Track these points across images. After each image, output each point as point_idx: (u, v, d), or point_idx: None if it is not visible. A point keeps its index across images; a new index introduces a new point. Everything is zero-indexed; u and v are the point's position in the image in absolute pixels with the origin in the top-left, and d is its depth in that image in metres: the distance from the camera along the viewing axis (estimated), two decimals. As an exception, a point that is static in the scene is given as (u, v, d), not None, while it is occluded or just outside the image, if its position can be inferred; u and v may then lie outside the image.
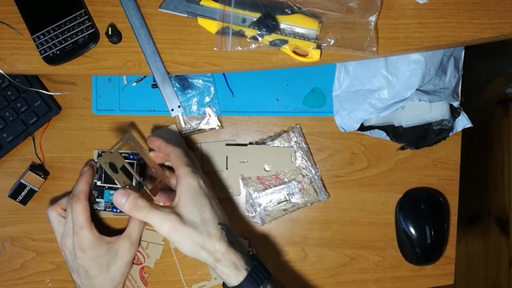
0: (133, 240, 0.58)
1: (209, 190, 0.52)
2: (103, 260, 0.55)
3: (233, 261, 0.49)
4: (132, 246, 0.58)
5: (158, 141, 0.56)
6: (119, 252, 0.56)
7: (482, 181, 1.40)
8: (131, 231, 0.58)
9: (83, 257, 0.54)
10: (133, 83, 0.63)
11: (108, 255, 0.55)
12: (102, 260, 0.55)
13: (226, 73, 0.63)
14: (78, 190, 0.57)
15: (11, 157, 0.64)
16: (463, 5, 0.50)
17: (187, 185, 0.51)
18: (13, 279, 0.64)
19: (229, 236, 0.50)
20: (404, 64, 0.55)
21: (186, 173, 0.51)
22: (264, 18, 0.49)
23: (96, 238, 0.55)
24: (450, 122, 0.61)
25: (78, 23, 0.51)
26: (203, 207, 0.50)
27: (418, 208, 0.62)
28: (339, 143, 0.64)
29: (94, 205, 0.61)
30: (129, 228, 0.58)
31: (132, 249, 0.58)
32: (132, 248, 0.58)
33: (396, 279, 0.65)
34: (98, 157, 0.62)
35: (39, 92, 0.61)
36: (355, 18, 0.49)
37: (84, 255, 0.54)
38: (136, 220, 0.58)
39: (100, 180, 0.61)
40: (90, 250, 0.54)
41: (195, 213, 0.49)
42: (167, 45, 0.52)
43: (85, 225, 0.54)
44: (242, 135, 0.64)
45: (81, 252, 0.54)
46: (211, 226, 0.49)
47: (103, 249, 0.55)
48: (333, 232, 0.64)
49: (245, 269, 0.49)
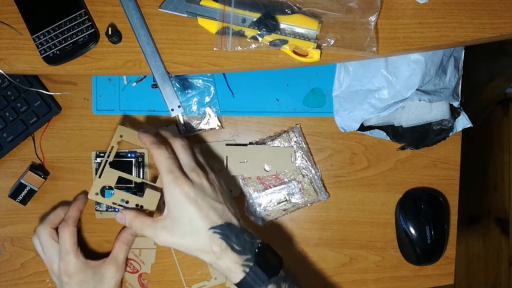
0: (119, 264, 0.58)
1: (198, 192, 0.49)
2: (90, 284, 0.55)
3: (228, 263, 0.49)
4: (119, 269, 0.58)
5: (146, 137, 0.52)
6: (105, 275, 0.57)
7: (482, 181, 1.40)
8: (116, 254, 0.58)
9: (69, 282, 0.55)
10: (133, 83, 0.63)
11: (94, 279, 0.56)
12: (88, 284, 0.55)
13: (226, 73, 0.63)
14: (68, 215, 0.58)
15: (11, 157, 0.64)
16: (463, 5, 0.50)
17: (171, 195, 0.49)
18: (13, 279, 0.64)
19: (225, 237, 0.49)
20: (404, 64, 0.55)
21: (168, 183, 0.49)
22: (264, 18, 0.49)
23: (81, 263, 0.55)
24: (450, 122, 0.61)
25: (78, 23, 0.51)
26: (190, 215, 0.49)
27: (418, 208, 0.62)
28: (339, 143, 0.64)
29: (96, 206, 0.61)
30: (114, 252, 0.59)
31: (119, 272, 0.58)
32: (119, 272, 0.58)
33: (396, 279, 0.65)
34: (96, 158, 0.62)
35: (39, 92, 0.61)
36: (355, 18, 0.49)
37: (70, 280, 0.55)
38: (121, 243, 0.59)
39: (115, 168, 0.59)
40: (76, 275, 0.55)
41: (183, 223, 0.49)
42: (167, 45, 0.52)
43: (71, 250, 0.55)
44: (242, 135, 0.64)
45: (67, 277, 0.55)
46: (201, 233, 0.49)
47: (89, 273, 0.55)
48: (333, 232, 0.64)
49: (242, 271, 0.48)
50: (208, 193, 0.50)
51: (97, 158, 0.62)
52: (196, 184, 0.50)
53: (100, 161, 0.58)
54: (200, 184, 0.50)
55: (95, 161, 0.62)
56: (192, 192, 0.49)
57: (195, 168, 0.51)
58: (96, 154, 0.62)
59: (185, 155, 0.52)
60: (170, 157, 0.50)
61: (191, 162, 0.51)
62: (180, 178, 0.49)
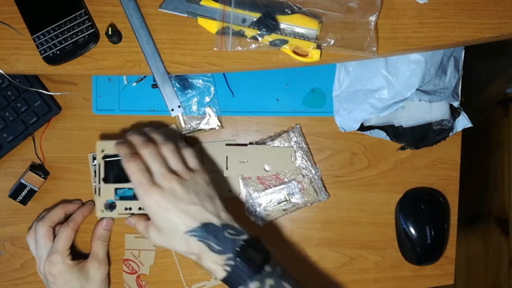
0: (100, 259, 0.60)
1: (169, 199, 0.49)
2: (76, 284, 0.57)
3: (208, 264, 0.49)
4: (101, 264, 0.59)
5: (120, 149, 0.53)
6: (90, 273, 0.58)
7: (482, 181, 1.40)
8: (95, 251, 0.60)
9: (54, 282, 0.56)
10: (133, 83, 0.63)
11: (80, 279, 0.57)
12: (75, 283, 0.57)
13: (226, 73, 0.63)
14: (71, 218, 0.60)
15: (11, 157, 0.64)
16: (463, 5, 0.50)
17: (145, 206, 0.50)
18: (13, 279, 0.64)
19: (203, 239, 0.49)
20: (404, 64, 0.55)
21: (139, 195, 0.50)
22: (264, 18, 0.49)
23: (66, 265, 0.57)
24: (450, 122, 0.61)
25: (78, 23, 0.51)
26: (165, 222, 0.50)
27: (418, 208, 0.62)
28: (339, 143, 0.64)
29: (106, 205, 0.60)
30: (93, 249, 0.60)
31: (102, 267, 0.59)
32: (102, 267, 0.59)
33: (396, 279, 0.65)
34: (93, 160, 0.62)
35: (39, 92, 0.61)
36: (355, 18, 0.49)
37: (55, 279, 0.56)
38: (97, 240, 0.60)
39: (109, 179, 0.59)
40: (60, 276, 0.56)
41: (163, 228, 0.51)
42: (167, 45, 0.52)
43: (61, 251, 0.57)
44: (242, 135, 0.64)
45: (51, 277, 0.56)
46: (179, 237, 0.50)
47: (75, 274, 0.57)
48: (333, 232, 0.64)
49: (224, 270, 0.48)
50: (179, 197, 0.50)
51: (94, 160, 0.62)
52: (166, 191, 0.50)
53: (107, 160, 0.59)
54: (171, 190, 0.50)
55: (92, 164, 0.62)
56: (162, 200, 0.49)
57: (165, 173, 0.50)
58: (92, 156, 0.62)
59: (153, 163, 0.51)
60: (139, 169, 0.50)
61: (161, 169, 0.51)
62: (150, 189, 0.49)
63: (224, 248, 0.49)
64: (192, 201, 0.50)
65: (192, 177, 0.52)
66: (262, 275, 0.48)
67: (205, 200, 0.51)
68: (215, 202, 0.52)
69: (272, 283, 0.48)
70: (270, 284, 0.48)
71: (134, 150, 0.52)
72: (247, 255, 0.48)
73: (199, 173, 0.53)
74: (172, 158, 0.53)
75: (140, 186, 0.50)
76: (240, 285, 0.48)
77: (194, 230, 0.49)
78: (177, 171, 0.52)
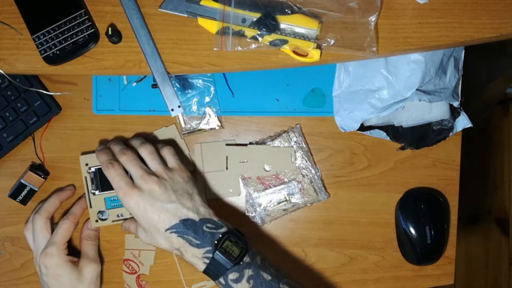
0: (91, 258, 0.60)
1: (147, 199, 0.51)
2: (66, 279, 0.57)
3: (189, 257, 0.51)
4: (92, 263, 0.59)
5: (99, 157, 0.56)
6: (82, 271, 0.58)
7: (482, 181, 1.40)
8: (85, 251, 0.61)
9: (47, 273, 0.57)
10: (133, 83, 0.63)
11: (71, 275, 0.57)
12: (65, 279, 0.57)
13: (226, 73, 0.63)
14: (70, 211, 0.61)
15: (11, 157, 0.64)
16: (463, 5, 0.50)
17: (127, 208, 0.53)
18: (13, 279, 0.64)
19: (182, 234, 0.51)
20: (404, 64, 0.55)
21: (120, 198, 0.53)
22: (264, 18, 0.49)
23: (61, 259, 0.57)
24: (450, 122, 0.61)
25: (78, 23, 0.51)
26: (146, 222, 0.52)
27: (418, 208, 0.62)
28: (339, 143, 0.64)
29: (99, 215, 0.60)
30: (82, 249, 0.61)
31: (94, 266, 0.59)
32: (93, 265, 0.59)
33: (396, 279, 0.65)
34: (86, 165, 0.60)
35: (39, 92, 0.61)
36: (355, 18, 0.49)
37: (47, 271, 0.57)
38: (85, 240, 0.61)
39: (97, 189, 0.59)
40: (53, 268, 0.57)
41: (146, 228, 0.53)
42: (167, 45, 0.52)
43: (57, 244, 0.57)
44: (242, 135, 0.64)
45: (44, 268, 0.57)
46: (160, 235, 0.52)
47: (66, 270, 0.57)
48: (333, 232, 0.64)
49: (203, 262, 0.51)
50: (157, 197, 0.52)
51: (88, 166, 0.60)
52: (145, 192, 0.52)
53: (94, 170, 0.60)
54: (149, 190, 0.52)
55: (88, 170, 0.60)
56: (141, 201, 0.51)
57: (142, 175, 0.52)
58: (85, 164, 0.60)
59: (131, 168, 0.53)
60: (117, 174, 0.53)
61: (138, 171, 0.53)
62: (129, 192, 0.52)
63: (202, 242, 0.51)
64: (170, 199, 0.52)
65: (171, 176, 0.54)
66: (240, 266, 0.50)
67: (183, 198, 0.53)
68: (194, 198, 0.54)
69: (250, 273, 0.50)
70: (249, 275, 0.50)
71: (112, 157, 0.55)
72: (224, 247, 0.50)
73: (177, 171, 0.55)
74: (151, 160, 0.55)
75: (120, 190, 0.52)
76: (219, 276, 0.50)
77: (174, 227, 0.51)
78: (156, 172, 0.54)
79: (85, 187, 0.60)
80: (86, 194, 0.60)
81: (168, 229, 0.51)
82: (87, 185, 0.60)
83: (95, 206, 0.60)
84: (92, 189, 0.60)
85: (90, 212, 0.60)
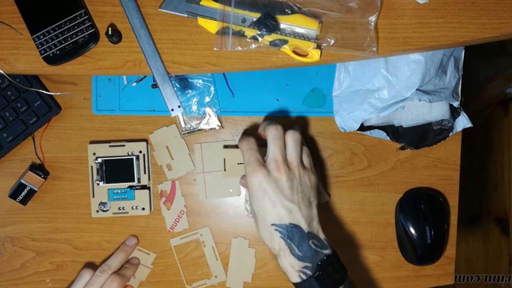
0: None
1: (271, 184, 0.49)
2: None
3: (285, 264, 0.49)
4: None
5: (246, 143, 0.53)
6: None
7: (482, 181, 1.40)
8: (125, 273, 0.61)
9: None
10: (133, 83, 0.63)
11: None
12: None
13: (226, 73, 0.63)
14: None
15: (11, 157, 0.64)
16: (463, 5, 0.50)
17: (249, 184, 0.51)
18: (13, 279, 0.64)
19: (286, 238, 0.48)
20: (404, 64, 0.55)
21: (247, 173, 0.51)
22: (264, 18, 0.49)
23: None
24: (450, 122, 0.61)
25: (78, 23, 0.51)
26: (259, 204, 0.50)
27: (418, 208, 0.62)
28: (339, 143, 0.64)
29: (100, 206, 0.61)
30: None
31: None
32: None
33: (396, 279, 0.65)
34: (93, 155, 0.62)
35: (39, 92, 0.61)
36: (355, 18, 0.49)
37: None
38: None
39: (102, 180, 0.62)
40: None
41: (255, 209, 0.50)
42: (167, 45, 0.52)
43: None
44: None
45: None
46: (265, 225, 0.50)
47: None
48: (333, 232, 0.64)
49: (298, 276, 0.48)
50: (282, 189, 0.49)
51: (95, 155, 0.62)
52: (272, 176, 0.50)
53: (100, 161, 0.62)
54: (277, 177, 0.49)
55: (95, 160, 0.62)
56: (265, 182, 0.49)
57: (277, 161, 0.50)
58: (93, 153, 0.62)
59: (273, 145, 0.51)
60: (249, 149, 0.52)
61: (277, 153, 0.51)
62: (257, 168, 0.50)
63: (304, 256, 0.48)
64: (291, 197, 0.49)
65: (301, 174, 0.51)
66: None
67: (303, 202, 0.50)
68: (312, 208, 0.51)
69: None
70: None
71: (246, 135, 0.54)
72: (327, 272, 0.48)
73: (309, 173, 0.52)
74: (293, 148, 0.52)
75: (250, 165, 0.50)
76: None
77: (281, 226, 0.49)
78: (291, 163, 0.51)
79: (90, 176, 0.61)
80: (90, 184, 0.61)
81: (275, 224, 0.49)
82: (92, 175, 0.61)
83: (97, 196, 0.61)
84: (96, 179, 0.61)
85: (92, 202, 0.61)
